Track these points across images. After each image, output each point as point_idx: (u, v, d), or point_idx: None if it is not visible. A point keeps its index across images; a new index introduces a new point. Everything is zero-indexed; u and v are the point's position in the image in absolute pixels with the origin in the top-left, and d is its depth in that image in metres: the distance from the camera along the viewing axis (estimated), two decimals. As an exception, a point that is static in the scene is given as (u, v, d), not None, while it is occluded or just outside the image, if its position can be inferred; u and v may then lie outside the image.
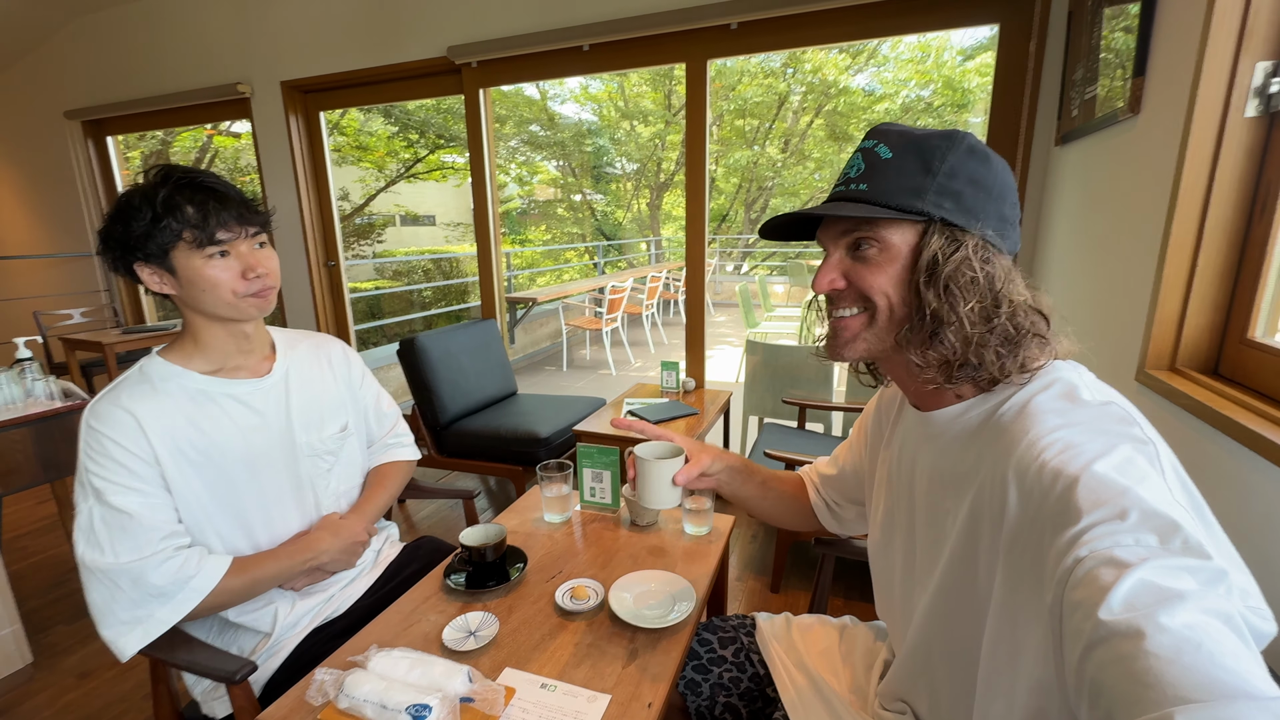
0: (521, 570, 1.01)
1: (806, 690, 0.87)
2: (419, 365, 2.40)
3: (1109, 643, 0.39)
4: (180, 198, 0.86)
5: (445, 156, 10.30)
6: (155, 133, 7.71)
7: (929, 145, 0.58)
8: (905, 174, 0.58)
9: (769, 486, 0.94)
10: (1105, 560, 0.42)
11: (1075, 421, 0.52)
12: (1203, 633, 0.37)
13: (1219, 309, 1.05)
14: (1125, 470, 0.47)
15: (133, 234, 0.85)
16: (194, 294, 0.89)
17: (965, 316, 0.56)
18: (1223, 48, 0.96)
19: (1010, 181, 0.60)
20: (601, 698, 0.75)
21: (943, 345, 0.58)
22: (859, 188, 0.59)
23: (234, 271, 0.90)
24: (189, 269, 0.88)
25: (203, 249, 0.87)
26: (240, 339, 0.99)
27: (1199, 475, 0.94)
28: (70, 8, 3.32)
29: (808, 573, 2.07)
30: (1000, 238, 0.58)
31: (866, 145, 0.61)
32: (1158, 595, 0.39)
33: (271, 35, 2.96)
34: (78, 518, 0.84)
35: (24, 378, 1.85)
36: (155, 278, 0.89)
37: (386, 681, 0.72)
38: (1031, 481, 0.51)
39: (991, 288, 0.57)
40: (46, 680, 1.66)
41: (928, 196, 0.57)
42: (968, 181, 0.57)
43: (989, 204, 0.58)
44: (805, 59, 9.54)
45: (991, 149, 0.59)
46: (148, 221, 0.84)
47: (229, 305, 0.91)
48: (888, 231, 0.59)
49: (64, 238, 3.93)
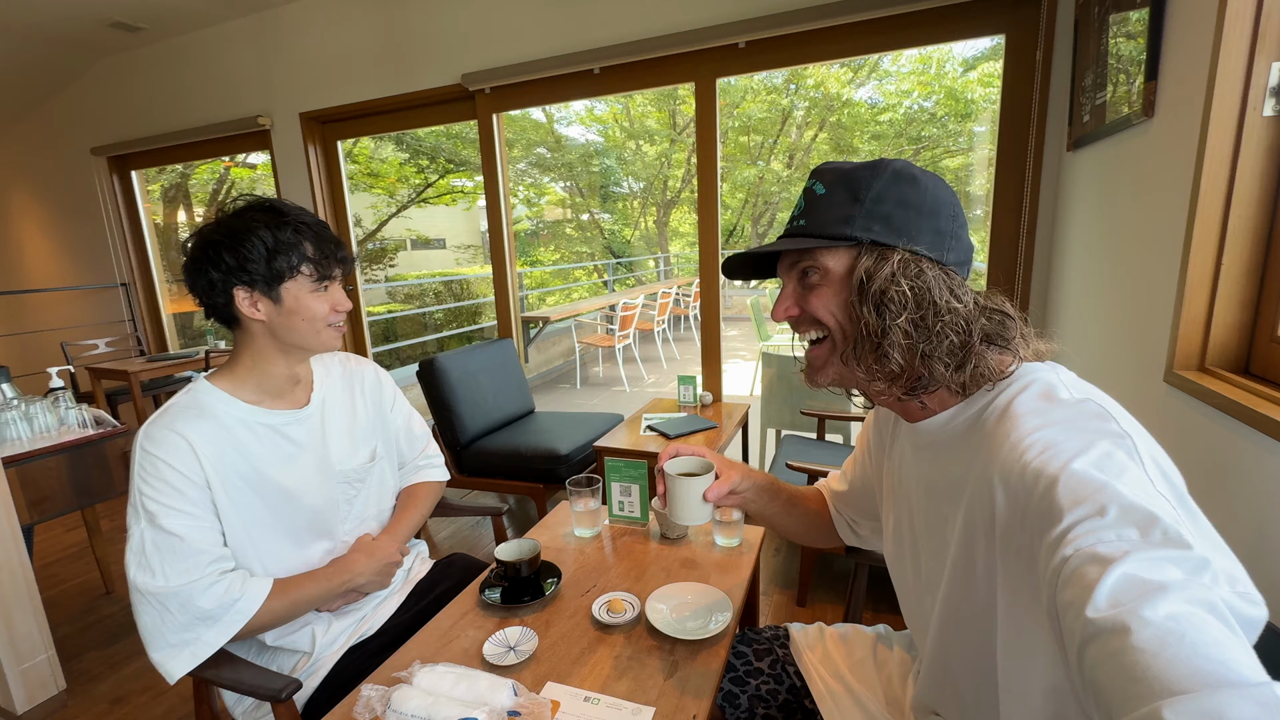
0: (556, 585, 1.01)
1: (845, 701, 0.86)
2: (438, 385, 2.43)
3: (1098, 640, 0.39)
4: (301, 235, 0.93)
5: (455, 181, 10.48)
6: (175, 166, 7.92)
7: (856, 177, 0.62)
8: (835, 205, 0.62)
9: (795, 504, 0.95)
10: (1089, 558, 0.42)
11: (1054, 421, 0.53)
12: (1186, 623, 0.37)
13: (1247, 307, 1.05)
14: (1103, 466, 0.47)
15: (249, 260, 0.89)
16: (290, 322, 0.94)
17: (901, 328, 0.59)
18: (1237, 49, 0.98)
19: (944, 197, 0.62)
20: (646, 710, 0.75)
21: (887, 360, 0.60)
22: (800, 223, 0.65)
23: (328, 305, 0.97)
24: (296, 300, 0.93)
25: (318, 283, 0.94)
26: (295, 373, 1.03)
27: (1234, 474, 0.94)
28: (96, 50, 3.46)
29: (833, 586, 2.05)
30: (938, 250, 0.61)
31: (808, 185, 0.66)
32: (1141, 589, 0.39)
33: (290, 68, 3.06)
34: (130, 540, 0.86)
35: (58, 406, 1.90)
36: (250, 302, 0.92)
37: (433, 696, 0.72)
38: (1015, 483, 0.51)
39: (924, 299, 0.59)
40: (80, 707, 1.67)
41: (856, 222, 0.61)
42: (896, 204, 0.60)
43: (920, 221, 0.60)
44: (807, 74, 9.65)
45: (924, 170, 0.62)
46: (267, 251, 0.90)
47: (316, 335, 0.97)
48: (825, 258, 0.63)
49: (90, 270, 4.04)
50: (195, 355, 3.54)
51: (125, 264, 3.90)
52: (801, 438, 2.41)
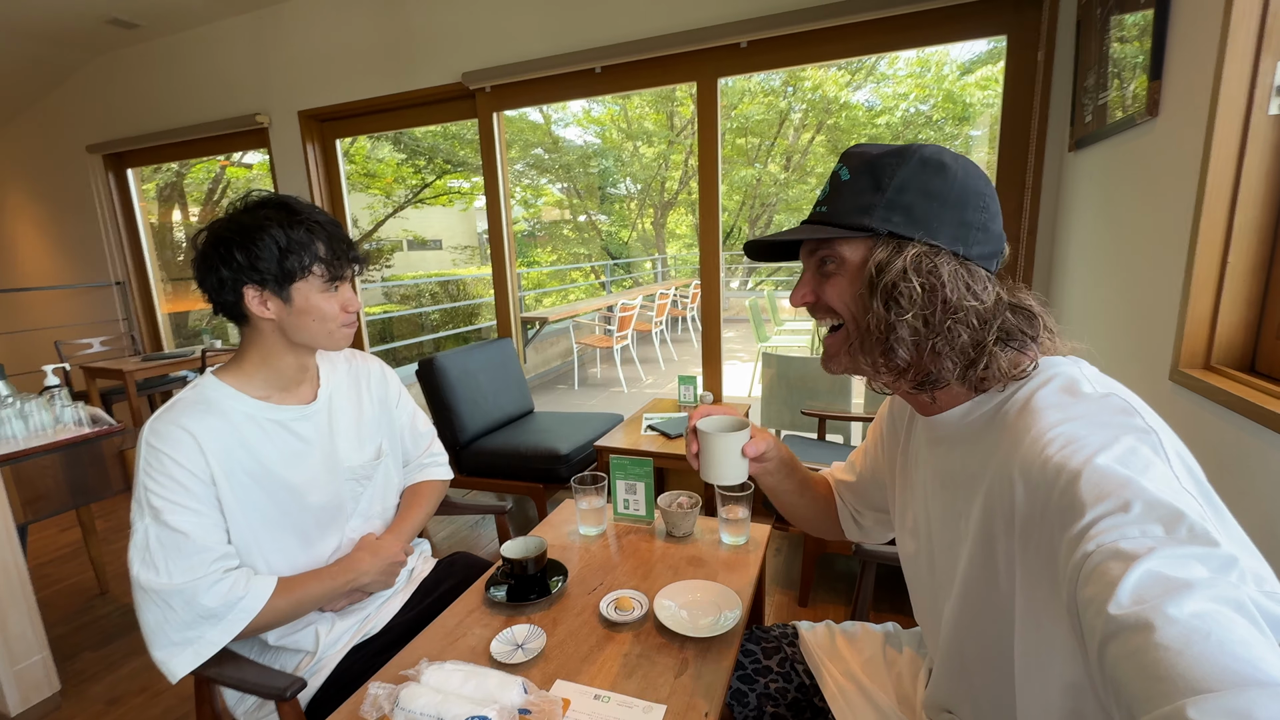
0: (562, 583, 1.00)
1: (857, 699, 0.86)
2: (438, 385, 2.41)
3: (1120, 637, 0.38)
4: (314, 235, 0.91)
5: (452, 181, 10.46)
6: (170, 165, 7.88)
7: (881, 164, 0.60)
8: (858, 193, 0.61)
9: (808, 486, 0.94)
10: (1112, 554, 0.41)
11: (1077, 415, 0.52)
12: (1212, 621, 0.36)
13: (1253, 305, 1.05)
14: (1128, 461, 0.46)
15: (260, 259, 0.88)
16: (300, 321, 0.93)
17: (908, 324, 0.58)
18: (1242, 48, 0.98)
19: (975, 186, 0.59)
20: (657, 708, 0.74)
21: (893, 354, 0.59)
22: (822, 210, 0.64)
23: (339, 305, 0.96)
24: (306, 299, 0.92)
25: (329, 283, 0.93)
26: (303, 367, 1.02)
27: (1243, 471, 0.94)
28: (91, 47, 3.43)
29: (835, 586, 2.05)
30: (961, 242, 0.59)
31: (836, 168, 0.65)
32: (1165, 586, 0.38)
33: (289, 66, 3.04)
34: (134, 536, 0.85)
35: (53, 404, 1.88)
36: (260, 301, 0.91)
37: (442, 694, 0.71)
38: (1037, 477, 0.51)
39: (936, 295, 0.57)
40: (75, 707, 1.65)
41: (876, 212, 0.59)
42: (919, 194, 0.59)
43: (944, 212, 0.58)
44: (805, 76, 9.69)
45: (956, 156, 0.60)
46: (279, 250, 0.89)
47: (327, 334, 0.96)
48: (843, 248, 0.62)
49: (85, 268, 4.01)
50: (191, 355, 3.52)
51: (120, 262, 3.88)
52: (802, 438, 2.41)
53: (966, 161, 0.61)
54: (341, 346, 1.00)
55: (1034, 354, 0.60)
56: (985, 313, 0.58)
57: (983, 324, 0.58)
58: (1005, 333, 0.59)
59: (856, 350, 0.64)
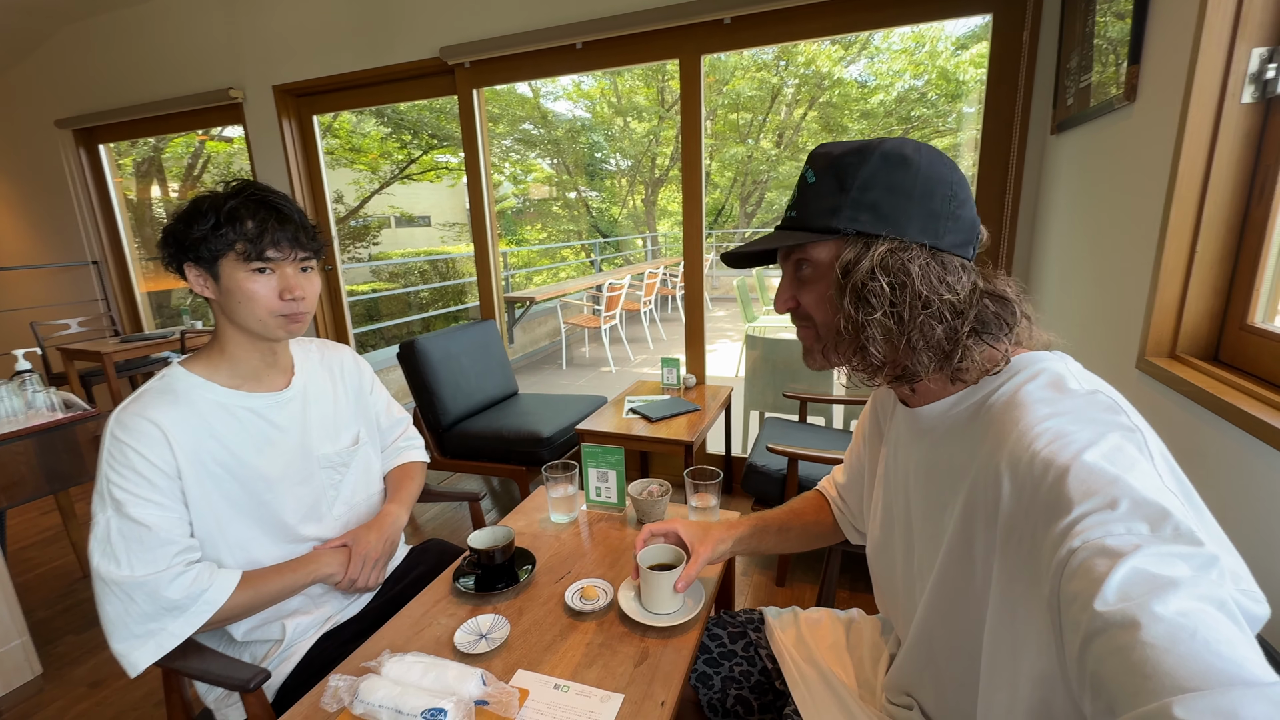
0: (530, 572, 1.01)
1: (816, 684, 0.88)
2: (420, 368, 2.40)
3: (1105, 634, 0.39)
4: (244, 211, 0.88)
5: (439, 156, 10.26)
6: (147, 139, 7.68)
7: (843, 163, 0.60)
8: (824, 195, 0.61)
9: (788, 528, 0.97)
10: (1098, 550, 0.42)
11: (1064, 410, 0.52)
12: (1197, 620, 0.37)
13: (1218, 295, 1.05)
14: (1114, 458, 0.47)
15: (192, 236, 0.88)
16: (230, 304, 0.91)
17: (879, 322, 0.58)
18: (1218, 34, 0.96)
19: (940, 174, 0.59)
20: (615, 697, 0.75)
21: (867, 353, 0.60)
22: (792, 214, 0.64)
23: (272, 289, 0.91)
24: (232, 279, 0.89)
25: (249, 262, 0.89)
26: (267, 354, 1.00)
27: (1201, 462, 0.95)
28: (59, 15, 3.30)
29: (813, 567, 2.08)
30: (931, 234, 0.58)
31: (803, 171, 0.64)
32: (1151, 584, 0.39)
33: (263, 39, 2.95)
34: (94, 528, 0.84)
35: (24, 390, 1.85)
36: (200, 280, 0.92)
37: (401, 686, 0.72)
38: (1024, 472, 0.51)
39: (906, 291, 0.57)
40: (57, 691, 1.66)
41: (843, 213, 0.59)
42: (884, 190, 0.58)
43: (911, 206, 0.58)
44: (798, 51, 9.51)
45: (919, 147, 0.59)
46: (208, 227, 0.87)
47: (260, 321, 0.92)
48: (815, 251, 0.62)
49: (60, 248, 3.92)
50: (171, 335, 3.47)
51: (96, 241, 3.79)
52: (784, 420, 2.42)
53: (930, 150, 0.60)
54: (280, 337, 0.96)
55: (1008, 344, 0.60)
56: (960, 304, 0.58)
57: (957, 315, 0.58)
58: (981, 322, 0.59)
59: (830, 349, 0.64)
